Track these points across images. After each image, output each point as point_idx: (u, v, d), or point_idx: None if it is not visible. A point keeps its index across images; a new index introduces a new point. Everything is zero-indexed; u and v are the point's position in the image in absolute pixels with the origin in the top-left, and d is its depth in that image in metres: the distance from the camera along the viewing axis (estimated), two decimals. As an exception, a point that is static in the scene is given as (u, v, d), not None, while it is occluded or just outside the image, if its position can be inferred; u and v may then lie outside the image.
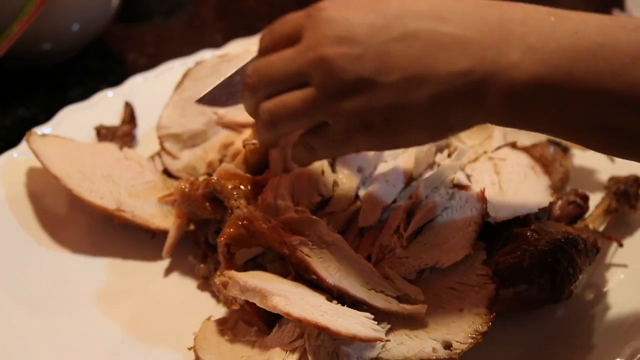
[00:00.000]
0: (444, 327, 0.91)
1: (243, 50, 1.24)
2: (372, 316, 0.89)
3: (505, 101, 0.80)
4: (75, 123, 1.18)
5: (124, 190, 1.08)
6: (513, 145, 1.08)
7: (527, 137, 1.11)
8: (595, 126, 0.79)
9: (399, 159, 1.03)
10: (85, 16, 1.32)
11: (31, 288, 1.02)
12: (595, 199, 1.09)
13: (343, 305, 0.90)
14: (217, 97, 0.98)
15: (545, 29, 0.78)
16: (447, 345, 0.90)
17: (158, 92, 1.22)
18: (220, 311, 1.01)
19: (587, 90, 0.76)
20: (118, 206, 1.06)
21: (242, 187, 1.00)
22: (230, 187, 0.99)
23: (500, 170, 1.04)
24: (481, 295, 0.92)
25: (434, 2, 0.82)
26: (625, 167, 1.12)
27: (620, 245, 1.05)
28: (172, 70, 1.25)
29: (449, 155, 1.05)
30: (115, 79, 1.26)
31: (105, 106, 1.21)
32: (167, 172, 1.13)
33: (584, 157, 1.16)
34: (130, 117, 1.20)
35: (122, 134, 1.17)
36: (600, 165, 1.14)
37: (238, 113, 1.11)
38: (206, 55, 1.26)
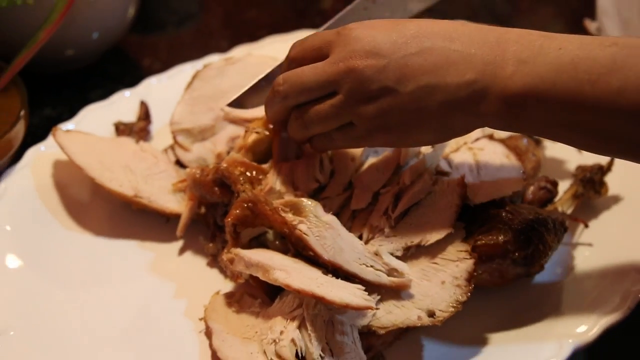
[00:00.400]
0: (428, 298, 0.93)
1: (246, 53, 1.26)
2: (364, 288, 0.91)
3: (501, 107, 0.84)
4: (96, 120, 1.19)
5: (141, 179, 1.09)
6: (490, 137, 1.09)
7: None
8: (577, 127, 0.82)
9: (388, 149, 1.05)
10: (104, 25, 1.33)
11: (59, 266, 1.04)
12: (564, 185, 1.10)
13: (337, 278, 0.92)
14: (244, 100, 1.05)
15: (534, 47, 0.83)
16: (431, 314, 0.91)
17: (170, 92, 1.23)
18: (227, 286, 1.03)
19: (569, 96, 0.80)
20: (136, 193, 1.07)
21: (247, 173, 1.02)
22: (237, 173, 1.01)
23: (478, 158, 1.06)
24: (461, 269, 0.94)
25: (445, 25, 0.88)
26: (591, 157, 1.10)
27: (586, 226, 1.07)
28: (183, 72, 1.26)
29: (432, 147, 1.07)
30: (132, 81, 1.27)
31: (122, 105, 1.22)
32: (179, 163, 1.15)
33: (554, 149, 1.17)
34: (145, 114, 1.20)
35: (138, 129, 1.18)
36: (569, 156, 1.15)
37: (243, 109, 1.12)
38: (213, 59, 1.27)
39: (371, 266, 0.94)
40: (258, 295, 0.97)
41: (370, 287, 0.92)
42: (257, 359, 0.89)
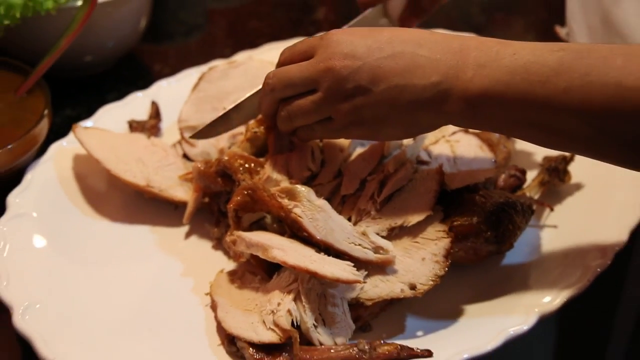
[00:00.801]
0: (409, 273, 0.95)
1: (247, 58, 1.27)
2: (352, 264, 0.93)
3: (463, 107, 0.87)
4: (112, 118, 1.21)
5: (152, 171, 1.11)
6: (466, 131, 1.11)
7: None
8: (531, 124, 0.85)
9: (374, 142, 1.07)
10: (119, 35, 1.35)
11: (80, 248, 1.05)
12: (532, 174, 1.12)
13: (329, 256, 0.94)
14: (210, 130, 1.08)
15: (491, 53, 0.85)
16: (413, 287, 0.93)
17: (178, 93, 1.24)
18: (230, 265, 1.05)
19: (522, 96, 0.83)
20: (147, 183, 1.09)
21: (246, 165, 1.04)
22: (237, 165, 1.03)
23: (455, 149, 1.08)
24: (439, 247, 0.95)
25: (415, 33, 0.90)
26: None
27: (552, 209, 1.08)
28: (190, 76, 1.28)
29: (414, 139, 1.09)
30: (144, 85, 1.28)
31: (135, 105, 1.24)
32: (186, 157, 1.16)
33: (523, 142, 1.17)
34: (155, 112, 1.22)
35: (150, 126, 1.20)
36: (537, 148, 1.13)
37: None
38: (217, 63, 1.29)
39: (359, 245, 0.95)
40: (258, 273, 0.99)
41: (359, 263, 0.94)
42: (257, 328, 0.91)
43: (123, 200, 1.13)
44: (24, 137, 1.09)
